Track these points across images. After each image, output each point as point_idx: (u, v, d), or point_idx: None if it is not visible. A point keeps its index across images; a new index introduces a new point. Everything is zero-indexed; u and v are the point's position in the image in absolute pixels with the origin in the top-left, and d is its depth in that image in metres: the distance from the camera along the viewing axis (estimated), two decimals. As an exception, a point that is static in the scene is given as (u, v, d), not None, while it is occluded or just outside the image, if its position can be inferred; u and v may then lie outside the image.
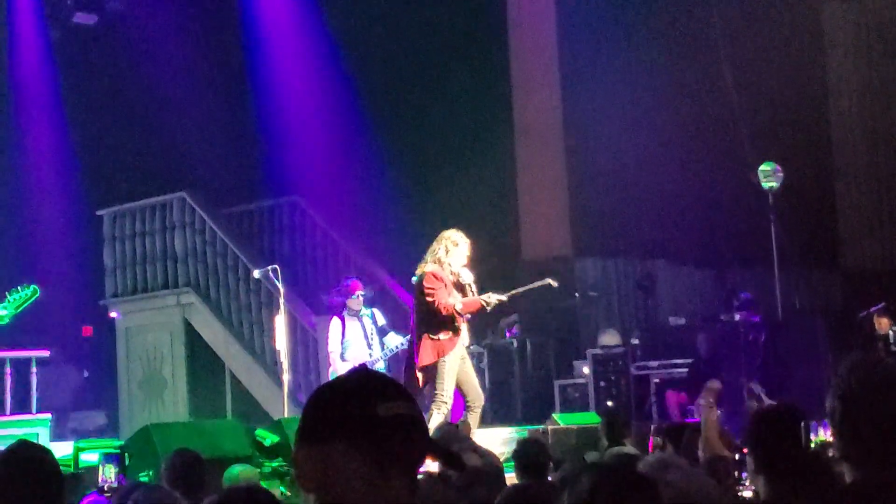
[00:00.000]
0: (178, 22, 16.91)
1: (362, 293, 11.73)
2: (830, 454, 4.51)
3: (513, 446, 7.42)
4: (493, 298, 9.80)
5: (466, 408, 9.79)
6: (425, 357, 9.61)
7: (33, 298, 10.14)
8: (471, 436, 9.53)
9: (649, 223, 16.07)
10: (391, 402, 2.08)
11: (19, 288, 10.25)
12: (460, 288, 9.79)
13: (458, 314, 9.58)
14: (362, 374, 2.17)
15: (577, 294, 15.66)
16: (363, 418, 2.06)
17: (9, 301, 10.08)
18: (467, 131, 16.24)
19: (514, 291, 10.40)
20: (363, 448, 2.05)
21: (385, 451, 2.05)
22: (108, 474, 6.26)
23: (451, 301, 9.56)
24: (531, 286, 10.77)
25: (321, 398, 2.14)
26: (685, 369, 13.39)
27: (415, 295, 9.94)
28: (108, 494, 5.87)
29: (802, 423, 4.15)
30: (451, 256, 9.73)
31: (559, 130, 15.84)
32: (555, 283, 10.73)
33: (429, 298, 9.60)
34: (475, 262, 10.28)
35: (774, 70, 16.47)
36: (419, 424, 2.12)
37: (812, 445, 4.79)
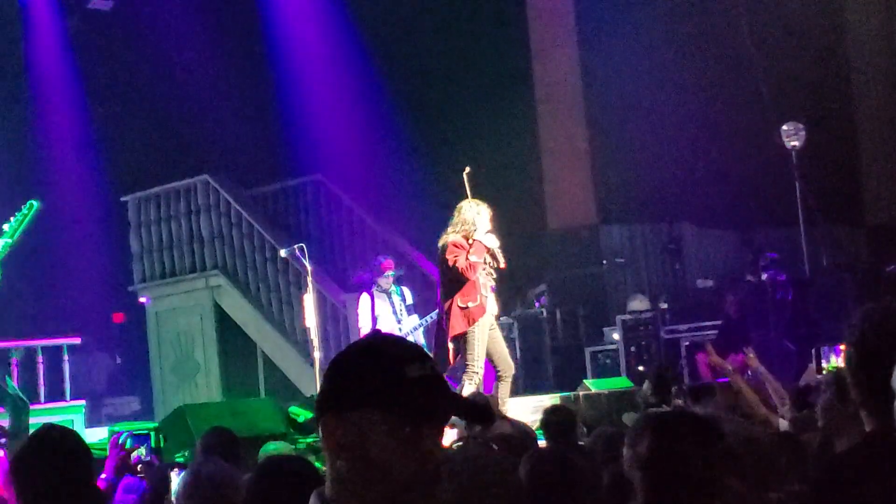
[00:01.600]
0: (195, 3, 16.92)
1: (393, 273, 11.78)
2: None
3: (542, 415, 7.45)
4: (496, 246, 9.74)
5: (497, 377, 9.82)
6: (457, 326, 9.64)
7: (32, 213, 9.89)
8: (502, 406, 9.58)
9: (673, 187, 16.01)
10: (417, 364, 2.11)
11: (18, 212, 10.02)
12: (489, 253, 9.81)
13: (475, 266, 9.58)
14: (382, 338, 2.20)
15: (604, 261, 15.66)
16: (394, 381, 2.09)
17: (10, 226, 9.86)
18: (488, 101, 16.21)
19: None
20: (396, 410, 2.08)
21: (417, 411, 2.08)
22: (141, 453, 6.30)
23: (466, 263, 9.59)
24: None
25: (344, 365, 2.16)
26: (715, 331, 13.38)
27: (439, 267, 9.96)
28: (142, 475, 5.91)
29: (814, 350, 4.16)
30: (474, 226, 9.76)
31: (580, 98, 15.80)
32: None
33: (448, 264, 9.64)
34: (501, 233, 10.30)
35: (794, 28, 16.35)
36: (443, 382, 2.15)
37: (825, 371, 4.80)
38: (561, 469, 3.66)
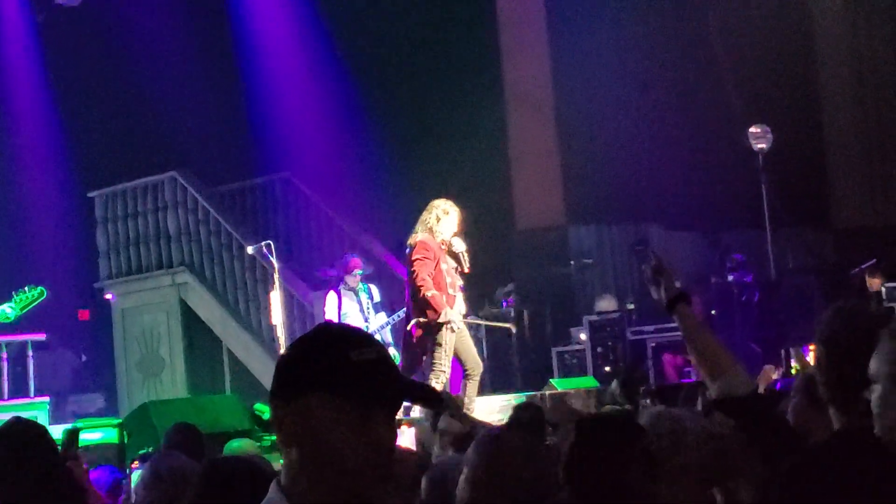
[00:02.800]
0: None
1: (360, 271, 11.77)
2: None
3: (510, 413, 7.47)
4: (447, 318, 9.61)
5: (465, 376, 9.83)
6: (432, 316, 9.63)
7: (40, 300, 10.14)
8: (469, 405, 9.60)
9: (641, 188, 16.07)
10: (362, 348, 2.10)
11: (27, 288, 10.23)
12: (454, 256, 9.83)
13: (425, 296, 9.54)
14: (328, 326, 2.20)
15: (572, 261, 15.71)
16: (338, 366, 2.08)
17: (15, 300, 10.06)
18: (458, 101, 16.20)
19: (478, 321, 10.37)
20: (343, 395, 2.07)
21: (364, 395, 2.07)
22: None
23: (428, 281, 9.55)
24: (493, 324, 11.57)
25: (292, 354, 2.16)
26: (681, 332, 13.41)
27: (407, 265, 9.97)
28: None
29: (785, 350, 4.20)
30: (441, 225, 9.76)
31: (550, 99, 15.82)
32: (514, 329, 11.63)
33: (412, 267, 9.64)
34: (469, 233, 10.31)
35: (762, 31, 16.44)
36: (392, 367, 2.14)
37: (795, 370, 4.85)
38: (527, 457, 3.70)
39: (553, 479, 3.29)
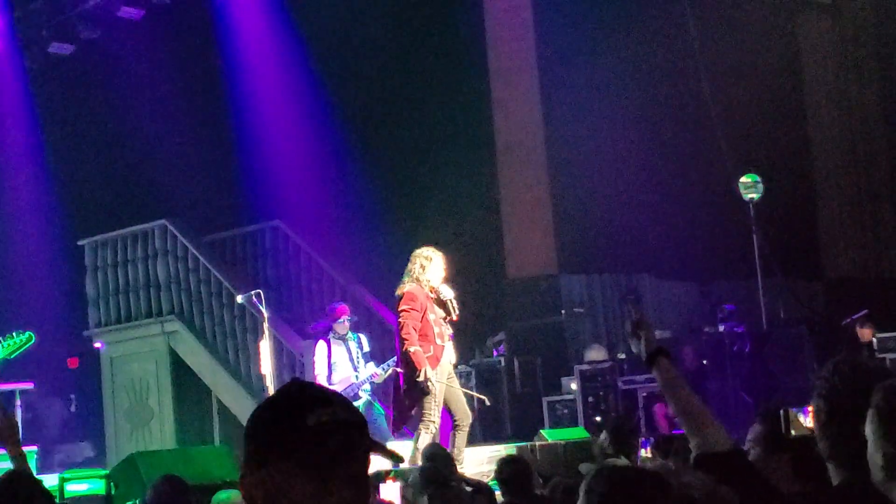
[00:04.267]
0: (154, 50, 16.90)
1: (348, 318, 11.74)
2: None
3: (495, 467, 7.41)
4: (423, 377, 9.57)
5: (454, 426, 9.75)
6: (409, 372, 9.58)
7: (28, 345, 10.01)
8: (459, 456, 9.52)
9: (633, 238, 16.09)
10: (320, 410, 2.05)
11: (14, 334, 10.10)
12: (441, 304, 9.77)
13: (408, 350, 9.50)
14: (290, 387, 2.14)
15: (563, 311, 15.68)
16: (293, 432, 2.03)
17: (2, 346, 9.96)
18: (449, 150, 16.24)
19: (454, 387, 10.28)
20: (300, 463, 2.02)
21: (322, 462, 2.02)
22: None
23: (413, 336, 9.50)
24: (471, 393, 11.29)
25: (255, 420, 2.12)
26: (659, 387, 13.37)
27: (396, 315, 9.92)
28: None
29: (783, 411, 4.17)
30: (427, 273, 9.70)
31: (541, 147, 15.85)
32: (489, 402, 11.36)
33: (399, 318, 9.60)
34: (461, 281, 10.27)
35: (752, 81, 16.54)
36: (354, 427, 2.08)
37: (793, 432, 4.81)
38: None
39: None
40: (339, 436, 2.05)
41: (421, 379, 9.44)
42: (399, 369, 9.85)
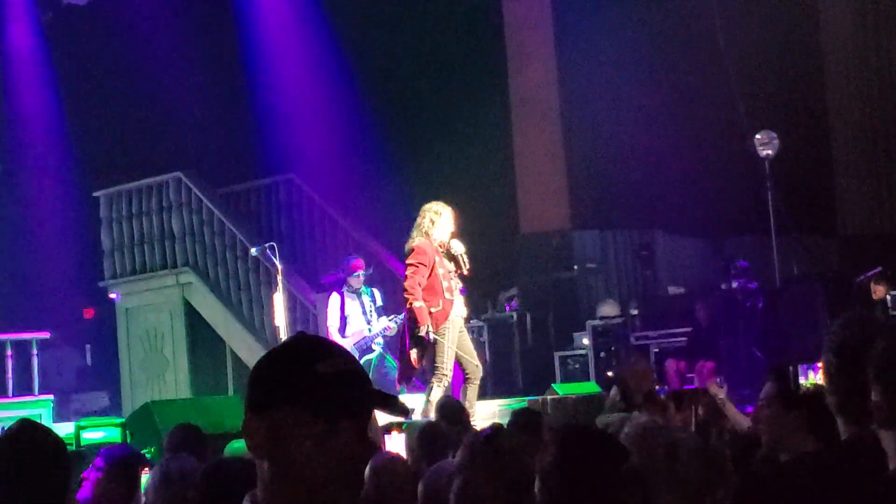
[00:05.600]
0: (169, 1, 16.87)
1: (363, 272, 11.77)
2: None
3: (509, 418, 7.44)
4: (422, 332, 9.58)
5: (465, 380, 9.80)
6: (415, 327, 9.61)
7: None
8: (470, 409, 9.59)
9: (647, 194, 16.06)
10: (329, 360, 2.11)
11: None
12: (452, 259, 9.79)
13: (412, 305, 9.53)
14: (298, 337, 2.21)
15: (575, 266, 15.69)
16: (303, 378, 2.09)
17: None
18: (463, 104, 16.21)
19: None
20: (308, 408, 2.08)
21: (330, 408, 2.08)
22: None
23: (417, 291, 9.52)
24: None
25: (262, 366, 2.17)
26: (684, 338, 13.42)
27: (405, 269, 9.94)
28: None
29: (791, 368, 4.19)
30: (436, 228, 9.70)
31: (555, 103, 15.81)
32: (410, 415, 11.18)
33: (406, 271, 9.62)
34: (473, 236, 10.28)
35: (769, 36, 16.43)
36: (360, 378, 2.14)
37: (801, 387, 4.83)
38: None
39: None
40: (347, 384, 2.11)
41: (422, 334, 9.47)
42: (402, 322, 9.91)
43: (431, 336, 9.49)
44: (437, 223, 9.71)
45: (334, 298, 11.76)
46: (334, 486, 2.09)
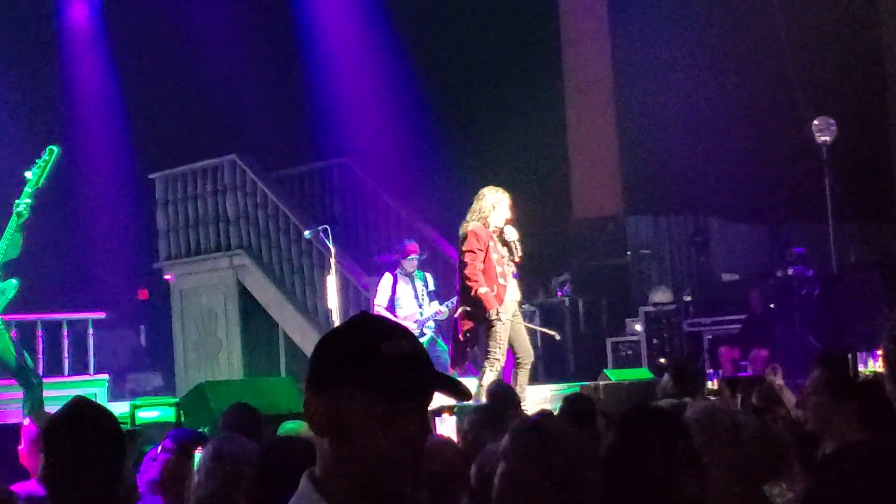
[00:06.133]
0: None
1: (417, 256, 11.79)
2: None
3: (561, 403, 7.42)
4: (493, 316, 9.63)
5: (516, 364, 9.81)
6: (480, 312, 9.63)
7: (52, 159, 9.37)
8: (521, 393, 9.60)
9: (701, 179, 15.94)
10: (393, 341, 2.10)
11: (37, 160, 9.52)
12: (505, 245, 9.80)
13: (477, 293, 9.54)
14: (362, 317, 2.20)
15: (628, 252, 15.63)
16: (368, 358, 2.08)
17: (34, 174, 9.38)
18: (517, 88, 16.16)
19: (526, 324, 10.39)
20: (371, 387, 2.07)
21: (392, 388, 2.07)
22: None
23: (480, 278, 9.54)
24: (538, 328, 11.48)
25: (325, 344, 2.17)
26: (738, 325, 13.33)
27: (459, 254, 9.94)
28: None
29: (849, 356, 4.15)
30: (494, 213, 9.74)
31: (610, 88, 15.73)
32: (558, 337, 11.33)
33: (463, 259, 9.63)
34: (526, 221, 10.26)
35: (828, 22, 16.22)
36: (423, 360, 2.13)
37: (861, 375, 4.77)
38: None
39: (584, 469, 3.21)
40: (410, 366, 2.10)
41: (493, 318, 9.50)
42: (456, 307, 9.92)
43: (501, 321, 9.50)
44: (497, 208, 9.74)
45: (386, 278, 11.80)
46: (395, 467, 2.09)
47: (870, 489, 2.66)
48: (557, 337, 11.23)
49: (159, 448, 5.04)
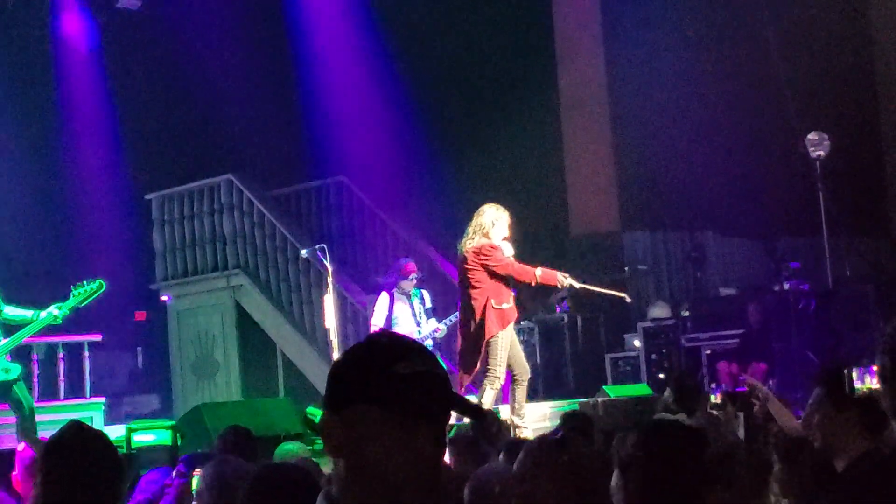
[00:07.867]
0: (221, 4, 16.97)
1: (416, 276, 11.79)
2: None
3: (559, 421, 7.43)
4: (567, 281, 9.83)
5: (514, 381, 9.81)
6: (493, 328, 9.62)
7: (99, 293, 9.97)
8: (519, 410, 9.60)
9: (697, 195, 15.98)
10: (409, 361, 2.09)
11: (85, 282, 10.09)
12: None
13: (536, 276, 9.63)
14: (379, 336, 2.19)
15: (626, 268, 15.62)
16: (383, 378, 2.07)
17: (73, 295, 9.98)
18: (513, 106, 16.20)
19: (589, 286, 10.46)
20: (387, 407, 2.06)
21: (408, 408, 2.06)
22: None
23: (523, 267, 9.64)
24: (606, 290, 11.05)
25: (341, 364, 2.16)
26: (736, 340, 13.32)
27: (460, 271, 9.94)
28: None
29: (846, 371, 4.15)
30: (495, 230, 9.77)
31: (605, 104, 15.76)
32: (629, 299, 11.25)
33: (497, 269, 9.62)
34: (524, 238, 10.28)
35: (820, 37, 16.29)
36: (440, 380, 2.12)
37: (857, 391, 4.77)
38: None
39: (602, 488, 3.20)
40: (426, 386, 2.09)
41: (568, 283, 9.75)
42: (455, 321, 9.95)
43: (570, 283, 9.77)
44: (497, 225, 9.78)
45: (383, 297, 11.78)
46: (412, 487, 2.08)
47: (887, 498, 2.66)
48: (628, 299, 11.23)
49: (174, 472, 5.02)
